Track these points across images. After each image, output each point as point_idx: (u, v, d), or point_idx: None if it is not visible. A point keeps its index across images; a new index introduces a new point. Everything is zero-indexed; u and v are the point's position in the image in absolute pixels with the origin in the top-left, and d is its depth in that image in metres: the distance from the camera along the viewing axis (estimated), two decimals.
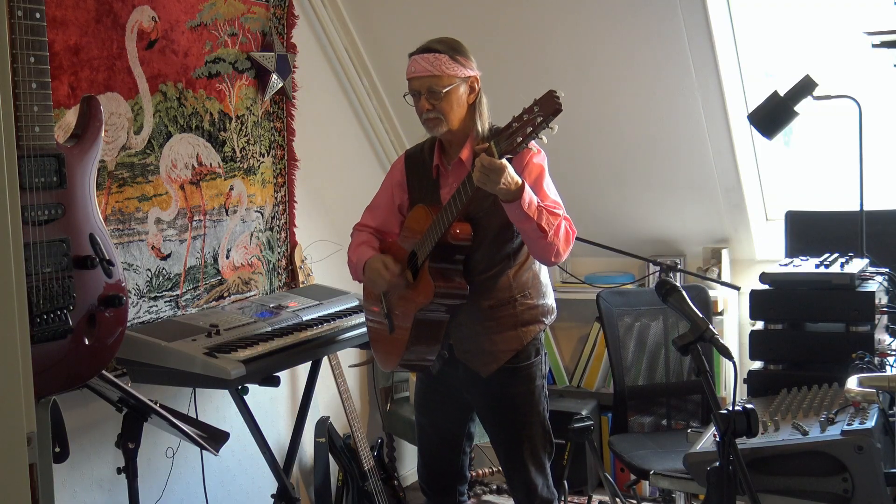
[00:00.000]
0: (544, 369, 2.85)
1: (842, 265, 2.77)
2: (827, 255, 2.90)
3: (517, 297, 2.75)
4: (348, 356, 4.11)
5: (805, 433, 2.17)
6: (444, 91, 2.65)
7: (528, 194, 2.52)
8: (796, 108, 3.27)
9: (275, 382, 2.90)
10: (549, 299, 2.86)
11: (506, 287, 2.74)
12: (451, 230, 2.60)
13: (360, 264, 2.85)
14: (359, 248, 2.90)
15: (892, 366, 2.55)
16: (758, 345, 2.76)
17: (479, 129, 2.73)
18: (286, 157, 3.79)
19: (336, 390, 3.79)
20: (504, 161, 2.42)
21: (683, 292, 2.19)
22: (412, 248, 2.75)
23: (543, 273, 2.85)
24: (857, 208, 3.20)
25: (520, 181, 2.49)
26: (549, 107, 2.33)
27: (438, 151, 2.80)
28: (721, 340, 2.06)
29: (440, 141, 2.80)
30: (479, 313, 2.73)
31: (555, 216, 2.60)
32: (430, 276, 2.64)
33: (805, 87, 3.25)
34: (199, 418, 3.17)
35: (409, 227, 2.80)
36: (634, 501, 4.00)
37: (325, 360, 3.65)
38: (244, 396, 2.98)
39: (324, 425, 3.78)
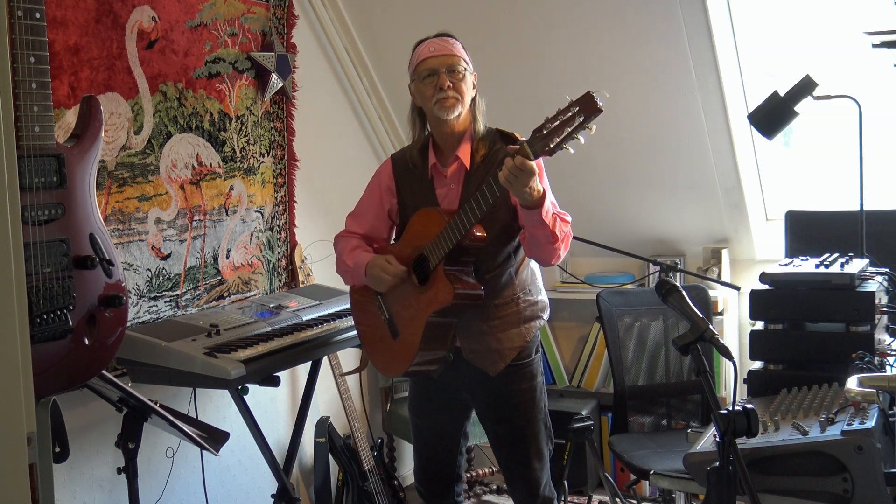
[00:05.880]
0: (542, 366, 2.87)
1: (842, 265, 2.77)
2: (827, 255, 2.90)
3: (519, 295, 2.76)
4: (356, 360, 4.10)
5: (805, 433, 2.17)
6: (463, 72, 2.67)
7: (548, 202, 2.51)
8: (796, 108, 3.27)
9: (275, 382, 2.90)
10: (544, 295, 2.88)
11: (509, 285, 2.75)
12: (470, 232, 2.57)
13: (359, 268, 2.80)
14: (354, 252, 2.85)
15: (892, 366, 2.55)
16: (758, 345, 2.76)
17: (478, 127, 2.72)
18: (286, 157, 3.79)
19: (336, 390, 3.79)
20: (534, 164, 2.39)
21: (683, 292, 2.19)
22: (419, 252, 2.70)
23: (537, 269, 2.87)
24: (857, 208, 3.20)
25: (541, 189, 2.47)
26: (589, 107, 2.30)
27: (433, 151, 2.78)
28: (721, 340, 2.06)
29: (433, 141, 2.79)
30: (485, 313, 2.72)
31: (565, 223, 2.61)
32: (446, 278, 2.61)
33: (805, 87, 3.25)
34: (199, 418, 3.17)
35: (416, 231, 2.75)
36: (634, 501, 4.00)
37: (325, 360, 3.65)
38: (244, 396, 2.98)
39: (324, 425, 3.78)
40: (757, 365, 2.77)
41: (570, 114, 2.33)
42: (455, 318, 2.69)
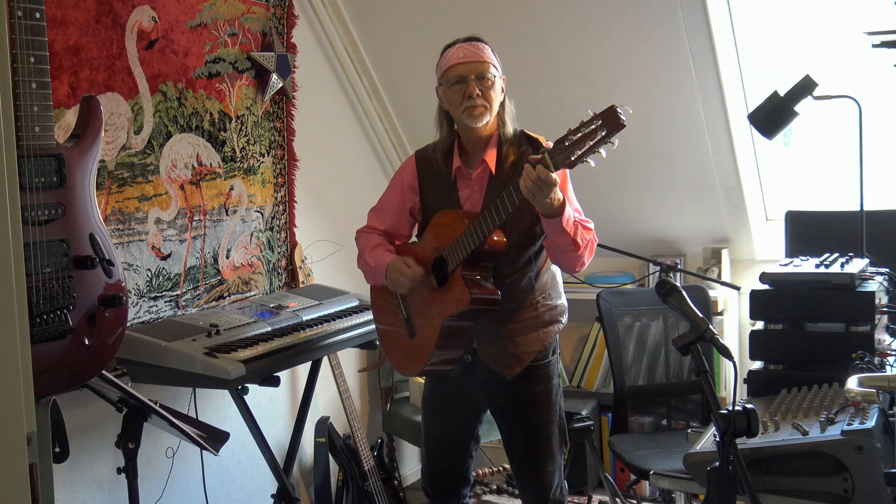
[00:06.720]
0: (559, 368, 2.85)
1: (842, 265, 2.77)
2: (827, 255, 2.91)
3: (539, 300, 2.75)
4: (356, 360, 4.11)
5: (805, 433, 2.18)
6: (493, 79, 2.65)
7: (568, 210, 2.50)
8: (796, 108, 3.28)
9: (275, 382, 2.90)
10: (564, 298, 2.86)
11: (529, 290, 2.73)
12: (489, 238, 2.55)
13: (380, 268, 2.77)
14: (375, 251, 2.82)
15: (892, 366, 2.55)
16: (758, 345, 2.76)
17: (506, 131, 2.70)
18: (286, 157, 3.79)
19: (336, 390, 3.79)
20: (556, 176, 2.38)
21: (683, 292, 2.19)
22: (439, 254, 2.68)
23: (558, 273, 2.86)
24: (857, 208, 3.20)
25: (561, 198, 2.46)
26: (612, 121, 2.28)
27: (458, 153, 2.75)
28: (721, 340, 2.06)
29: (459, 142, 2.76)
30: (503, 317, 2.70)
31: (587, 230, 2.59)
32: (463, 283, 2.59)
33: (805, 87, 3.25)
34: (199, 418, 3.17)
35: (436, 233, 2.73)
36: (634, 501, 4.00)
37: (325, 360, 3.65)
38: (244, 396, 2.98)
39: (324, 425, 3.78)
40: (757, 365, 2.78)
41: (592, 127, 2.31)
42: (472, 322, 2.68)
